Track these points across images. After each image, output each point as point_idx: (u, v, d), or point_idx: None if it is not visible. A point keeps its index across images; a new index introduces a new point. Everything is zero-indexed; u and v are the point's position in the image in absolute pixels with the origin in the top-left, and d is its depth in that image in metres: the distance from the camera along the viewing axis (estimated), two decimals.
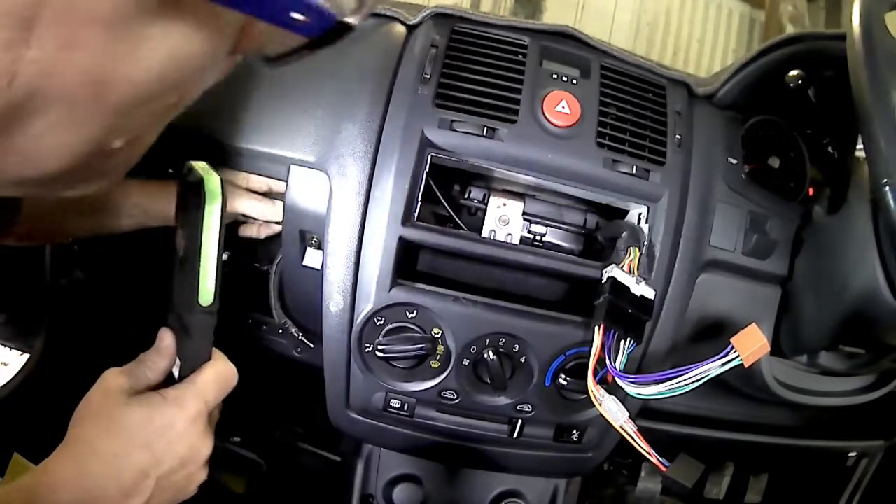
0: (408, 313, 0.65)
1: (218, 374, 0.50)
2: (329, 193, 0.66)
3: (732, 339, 0.54)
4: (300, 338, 0.79)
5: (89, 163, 0.26)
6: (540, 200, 0.72)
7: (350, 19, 0.28)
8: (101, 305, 0.95)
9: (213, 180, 0.45)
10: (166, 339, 0.50)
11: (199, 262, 0.47)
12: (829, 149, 0.78)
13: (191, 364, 0.50)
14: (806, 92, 0.73)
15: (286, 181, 0.67)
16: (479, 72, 0.66)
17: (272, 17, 0.24)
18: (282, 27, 0.25)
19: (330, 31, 0.27)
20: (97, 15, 0.20)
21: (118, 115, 0.24)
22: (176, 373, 0.50)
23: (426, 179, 0.65)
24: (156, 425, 0.46)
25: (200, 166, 0.47)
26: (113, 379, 0.47)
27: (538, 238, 0.72)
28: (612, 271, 0.62)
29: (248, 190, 0.72)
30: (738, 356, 0.54)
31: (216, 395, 0.50)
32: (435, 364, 0.66)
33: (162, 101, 0.26)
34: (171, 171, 0.69)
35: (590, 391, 0.59)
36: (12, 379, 0.97)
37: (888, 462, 1.06)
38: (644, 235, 0.67)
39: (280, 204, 0.70)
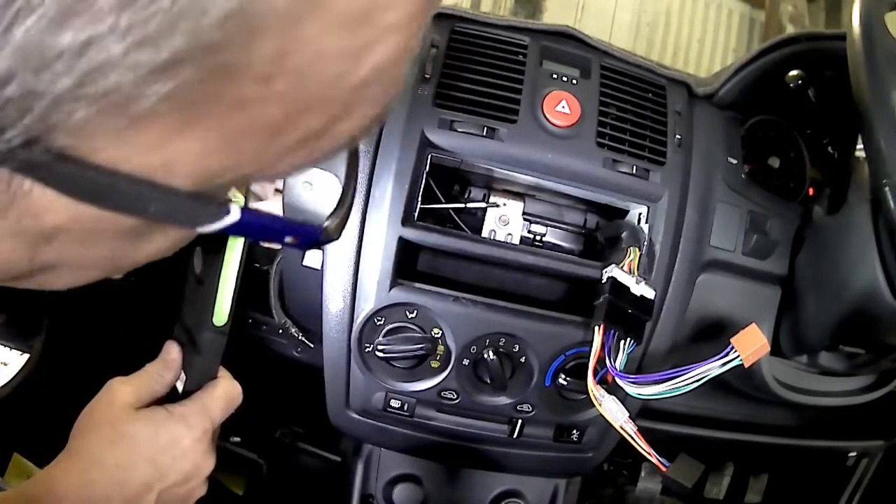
0: (408, 313, 0.65)
1: (225, 394, 0.51)
2: (329, 193, 0.66)
3: (732, 340, 0.54)
4: (300, 338, 0.78)
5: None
6: (540, 200, 0.72)
7: (332, 234, 0.33)
8: (101, 306, 0.95)
9: (238, 203, 0.45)
10: (173, 352, 0.50)
11: (219, 284, 0.47)
12: (829, 149, 0.78)
13: (197, 380, 0.50)
14: (806, 92, 0.73)
15: (285, 181, 0.67)
16: (479, 72, 0.66)
17: (270, 240, 0.29)
18: (277, 244, 0.29)
19: (314, 243, 0.32)
20: (109, 233, 0.24)
21: (125, 267, 0.29)
22: (180, 387, 0.50)
23: (426, 179, 0.65)
24: (162, 441, 0.46)
25: (232, 192, 0.47)
26: (119, 390, 0.47)
27: (538, 238, 0.72)
28: (612, 271, 0.62)
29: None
30: (738, 356, 0.54)
31: (222, 415, 0.50)
32: (435, 364, 0.66)
33: (162, 256, 0.29)
34: None
35: (590, 391, 0.59)
36: (12, 379, 0.97)
37: (888, 462, 1.06)
38: (644, 235, 0.67)
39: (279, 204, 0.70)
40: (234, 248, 0.47)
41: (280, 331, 0.79)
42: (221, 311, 0.48)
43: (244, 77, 0.19)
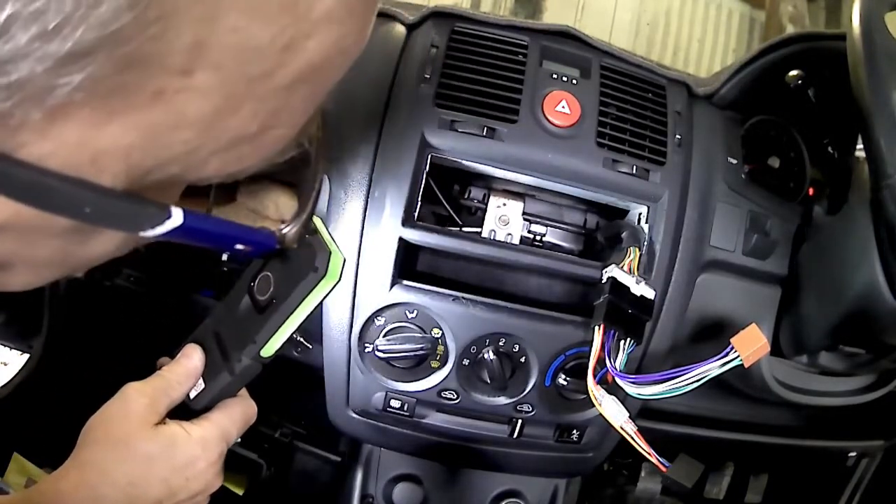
0: (408, 313, 0.65)
1: (243, 416, 0.50)
2: (329, 194, 0.66)
3: (732, 340, 0.54)
4: (299, 338, 0.78)
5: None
6: (540, 200, 0.72)
7: (289, 242, 0.32)
8: (101, 306, 0.95)
9: (338, 260, 0.44)
10: (195, 359, 0.49)
11: (284, 322, 0.45)
12: (829, 149, 0.78)
13: (215, 395, 0.48)
14: (806, 92, 0.73)
15: None
16: (480, 72, 0.66)
17: (220, 248, 0.28)
18: (230, 253, 0.28)
19: (270, 252, 0.31)
20: (50, 232, 0.23)
21: (77, 269, 0.28)
22: (193, 393, 0.48)
23: (426, 179, 0.65)
24: (178, 462, 0.45)
25: (327, 235, 0.45)
26: (136, 401, 0.46)
27: (538, 238, 0.72)
28: (613, 271, 0.62)
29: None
30: (738, 356, 0.54)
31: (237, 436, 0.50)
32: (435, 364, 0.66)
33: (118, 254, 0.29)
34: None
35: (590, 391, 0.59)
36: (12, 379, 0.97)
37: (888, 462, 1.06)
38: (644, 235, 0.67)
39: None
40: (315, 300, 0.45)
41: None
42: (273, 347, 0.46)
43: (162, 68, 0.19)
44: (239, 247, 0.28)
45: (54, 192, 0.20)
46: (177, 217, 0.24)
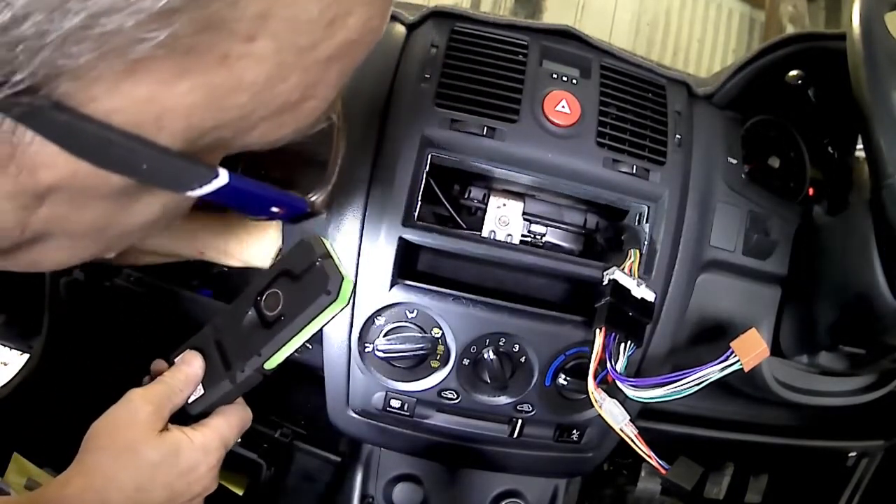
0: (408, 313, 0.65)
1: (240, 422, 0.51)
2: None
3: (732, 344, 0.54)
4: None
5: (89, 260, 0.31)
6: (540, 200, 0.72)
7: (318, 208, 0.35)
8: (100, 306, 0.95)
9: (349, 285, 0.46)
10: (195, 366, 0.50)
11: (291, 338, 0.47)
12: (829, 149, 0.78)
13: (213, 402, 0.50)
14: (806, 92, 0.73)
15: None
16: (480, 71, 0.66)
17: (257, 212, 0.30)
18: (263, 218, 0.30)
19: (301, 215, 0.33)
20: (101, 192, 0.25)
21: (111, 243, 0.29)
22: (191, 399, 0.50)
23: (426, 179, 0.65)
24: (181, 468, 0.47)
25: (338, 260, 0.47)
26: (141, 409, 0.47)
27: (538, 238, 0.72)
28: (614, 273, 0.62)
29: None
30: (738, 361, 0.53)
31: (235, 440, 0.51)
32: (435, 364, 0.66)
33: (154, 229, 0.30)
34: None
35: (590, 394, 0.59)
36: (12, 379, 0.97)
37: (888, 462, 1.06)
38: (644, 236, 0.67)
39: None
40: (323, 321, 0.47)
41: None
42: (277, 360, 0.48)
43: (231, 33, 0.21)
44: (274, 209, 0.30)
45: (116, 148, 0.22)
46: (223, 177, 0.25)
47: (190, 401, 0.50)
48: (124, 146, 0.22)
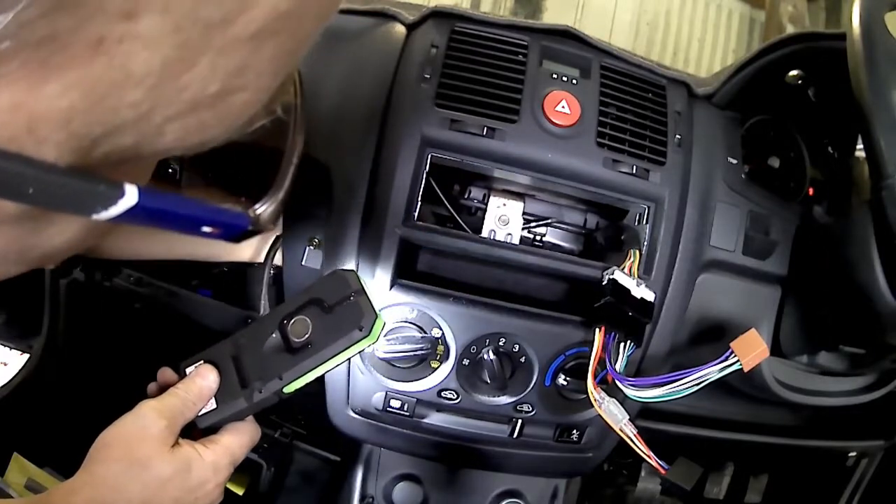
0: (408, 313, 0.65)
1: (251, 441, 0.51)
2: (329, 194, 0.66)
3: (732, 344, 0.54)
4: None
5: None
6: (540, 200, 0.72)
7: (264, 223, 0.29)
8: (100, 306, 0.95)
9: (380, 323, 0.48)
10: (210, 380, 0.50)
11: (317, 367, 0.48)
12: (829, 149, 0.78)
13: (226, 418, 0.50)
14: (806, 92, 0.73)
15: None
16: (480, 71, 0.66)
17: (185, 231, 0.25)
18: (197, 236, 0.25)
19: (241, 234, 0.27)
20: (2, 219, 0.21)
21: (44, 261, 0.25)
22: (202, 411, 0.50)
23: (426, 179, 0.65)
24: (190, 484, 0.47)
25: (371, 297, 0.49)
26: (153, 423, 0.47)
27: (538, 238, 0.72)
28: (613, 273, 0.62)
29: None
30: (738, 361, 0.54)
31: (243, 458, 0.51)
32: (435, 364, 0.66)
33: (84, 245, 0.26)
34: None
35: (590, 394, 0.59)
36: (12, 379, 0.97)
37: (888, 462, 1.06)
38: (644, 236, 0.67)
39: None
40: (351, 353, 0.49)
41: None
42: (297, 386, 0.49)
43: (100, 11, 0.17)
44: (206, 229, 0.25)
45: None
46: (131, 196, 0.20)
47: (200, 413, 0.50)
48: (3, 169, 0.18)
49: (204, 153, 0.25)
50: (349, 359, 0.49)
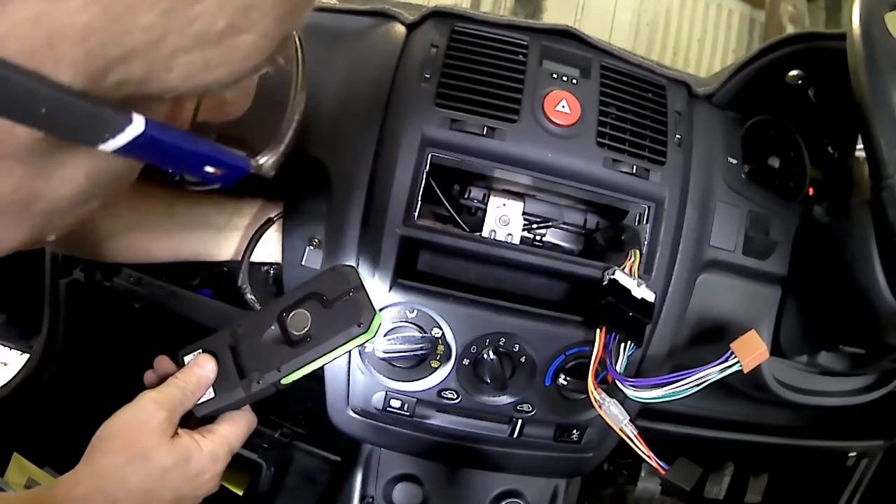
0: (408, 313, 0.65)
1: (248, 428, 0.52)
2: (329, 193, 0.66)
3: (732, 345, 0.54)
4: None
5: (31, 244, 0.27)
6: (540, 200, 0.72)
7: (265, 171, 0.30)
8: (100, 306, 0.95)
9: (378, 320, 0.49)
10: (208, 369, 0.51)
11: (314, 360, 0.49)
12: (829, 149, 0.78)
13: (223, 407, 0.51)
14: (806, 92, 0.73)
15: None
16: (480, 71, 0.66)
17: (186, 169, 0.25)
18: (200, 181, 0.26)
19: (246, 181, 0.28)
20: (12, 150, 0.22)
21: (48, 221, 0.26)
22: (200, 400, 0.51)
23: (426, 179, 0.65)
24: (189, 474, 0.48)
25: (370, 293, 0.50)
26: (153, 414, 0.47)
27: (538, 238, 0.72)
28: (613, 273, 0.62)
29: None
30: (738, 362, 0.54)
31: (240, 446, 0.52)
32: (435, 364, 0.66)
33: (88, 206, 0.27)
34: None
35: (590, 394, 0.59)
36: (12, 379, 0.98)
37: (888, 462, 1.06)
38: (644, 236, 0.67)
39: None
40: (349, 348, 0.49)
41: None
42: (294, 378, 0.50)
43: None
44: (209, 169, 0.25)
45: (9, 86, 0.19)
46: (138, 124, 0.21)
47: (198, 402, 0.50)
48: (17, 83, 0.19)
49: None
50: (346, 354, 0.50)
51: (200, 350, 0.52)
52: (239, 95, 0.32)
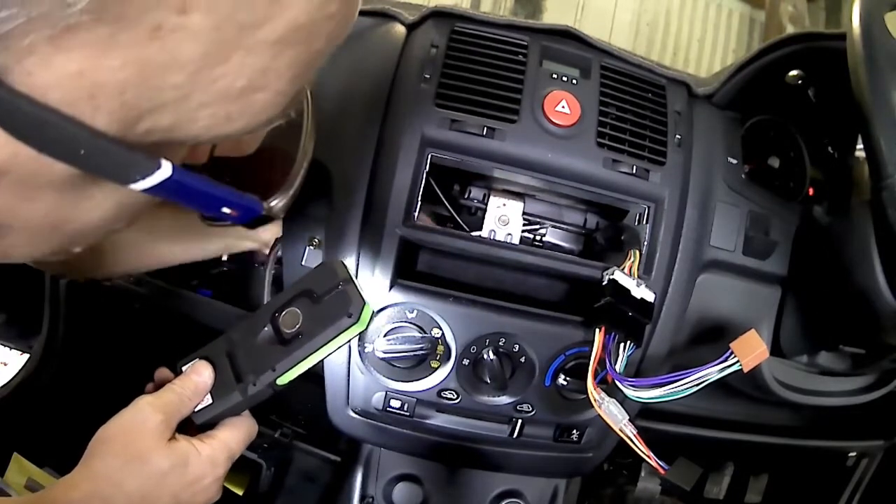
0: (407, 313, 0.65)
1: (248, 434, 0.52)
2: (329, 193, 0.66)
3: (732, 345, 0.54)
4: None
5: (56, 256, 0.30)
6: (540, 200, 0.72)
7: (276, 214, 0.33)
8: (100, 306, 0.95)
9: (369, 310, 0.49)
10: (205, 376, 0.51)
11: (308, 357, 0.49)
12: (829, 149, 0.78)
13: (221, 412, 0.51)
14: (806, 92, 0.73)
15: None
16: (480, 71, 0.66)
17: (206, 209, 0.29)
18: (216, 218, 0.29)
19: (257, 219, 0.32)
20: (47, 181, 0.24)
21: (75, 239, 0.29)
22: (198, 407, 0.51)
23: (426, 179, 0.65)
24: (188, 479, 0.47)
25: (359, 285, 0.50)
26: (151, 418, 0.47)
27: (538, 238, 0.72)
28: (613, 273, 0.62)
29: None
30: (737, 361, 0.53)
31: (240, 452, 0.52)
32: (435, 364, 0.66)
33: (113, 227, 0.30)
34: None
35: (590, 394, 0.59)
36: (12, 379, 0.98)
37: (888, 462, 1.06)
38: (644, 236, 0.67)
39: None
40: (341, 343, 0.49)
41: None
42: (290, 377, 0.50)
43: (161, 3, 0.21)
44: (225, 210, 0.29)
45: (53, 129, 0.21)
46: (166, 169, 0.24)
47: (197, 409, 0.50)
48: (60, 127, 0.21)
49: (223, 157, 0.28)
50: (341, 347, 0.49)
51: (198, 358, 0.52)
52: (252, 135, 0.35)
